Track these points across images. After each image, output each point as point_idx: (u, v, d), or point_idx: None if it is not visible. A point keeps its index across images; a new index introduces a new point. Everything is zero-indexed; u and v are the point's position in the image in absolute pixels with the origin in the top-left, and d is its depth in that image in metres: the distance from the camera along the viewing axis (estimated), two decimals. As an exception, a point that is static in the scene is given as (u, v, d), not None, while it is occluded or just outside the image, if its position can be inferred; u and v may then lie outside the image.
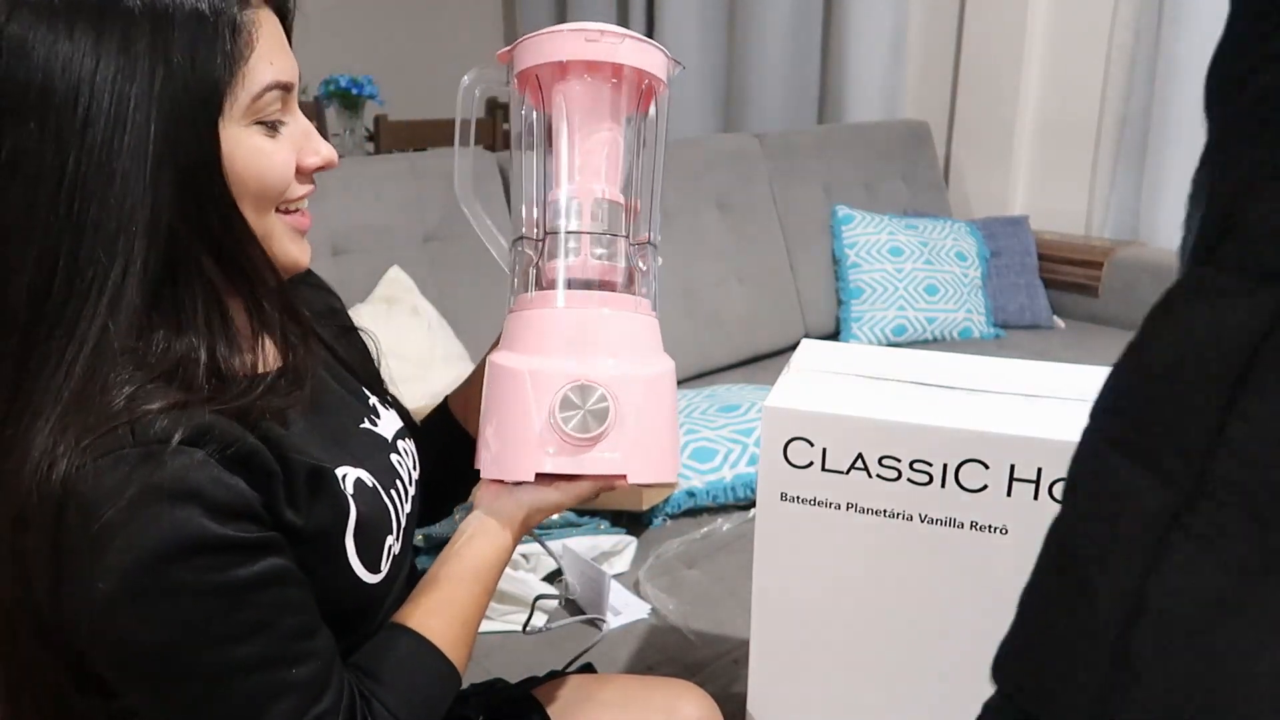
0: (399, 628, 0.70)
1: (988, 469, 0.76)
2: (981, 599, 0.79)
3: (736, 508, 1.57)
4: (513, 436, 0.71)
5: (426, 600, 0.71)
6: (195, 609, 0.55)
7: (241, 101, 0.61)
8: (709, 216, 2.26)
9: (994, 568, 0.78)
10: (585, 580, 1.30)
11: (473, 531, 0.74)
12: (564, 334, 0.72)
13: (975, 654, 0.82)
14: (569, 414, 0.70)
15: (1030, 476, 0.75)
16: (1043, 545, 0.42)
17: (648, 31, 3.38)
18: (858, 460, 0.79)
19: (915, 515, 0.79)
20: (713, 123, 3.32)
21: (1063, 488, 0.41)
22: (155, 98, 0.57)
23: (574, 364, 0.71)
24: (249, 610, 0.57)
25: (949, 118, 2.91)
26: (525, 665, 1.14)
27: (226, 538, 0.56)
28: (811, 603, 0.84)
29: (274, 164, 0.63)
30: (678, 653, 1.22)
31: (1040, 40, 2.69)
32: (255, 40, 0.61)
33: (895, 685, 0.84)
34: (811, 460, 0.80)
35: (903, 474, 0.78)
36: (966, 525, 0.78)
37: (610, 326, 0.73)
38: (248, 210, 0.63)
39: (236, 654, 0.57)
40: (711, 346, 2.19)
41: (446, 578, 0.72)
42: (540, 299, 0.74)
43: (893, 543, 0.80)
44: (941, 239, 2.48)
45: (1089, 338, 2.44)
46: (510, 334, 0.75)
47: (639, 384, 0.72)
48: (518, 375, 0.71)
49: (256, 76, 0.61)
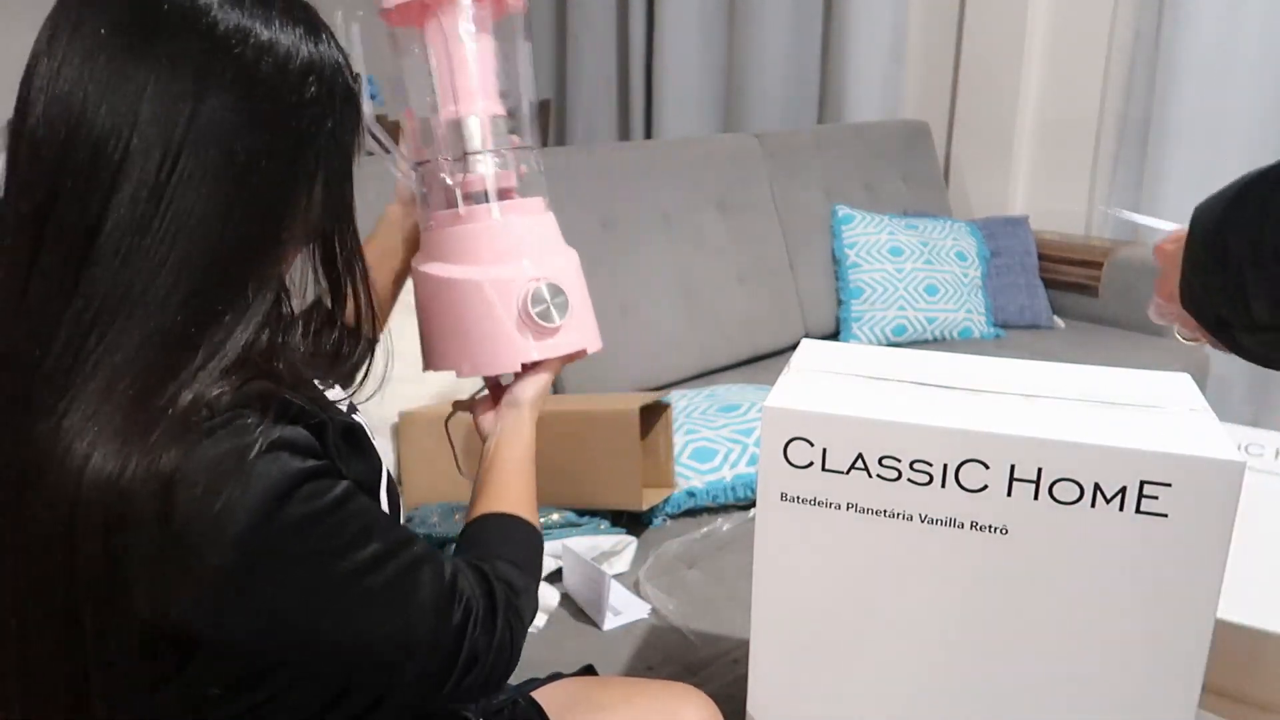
0: (479, 516, 0.81)
1: (988, 469, 0.76)
2: (981, 599, 0.79)
3: (736, 508, 1.57)
4: (488, 337, 0.84)
5: (490, 495, 0.82)
6: (317, 535, 0.61)
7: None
8: (709, 216, 2.26)
9: (994, 568, 0.78)
10: (585, 580, 1.30)
11: (500, 438, 0.86)
12: (511, 240, 0.85)
13: (975, 654, 0.82)
14: (539, 308, 0.84)
15: (1030, 477, 0.75)
16: None
17: (648, 31, 3.38)
18: (858, 460, 0.79)
19: (915, 515, 0.79)
20: (713, 123, 3.33)
21: None
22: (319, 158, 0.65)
23: (530, 265, 0.85)
24: (354, 520, 0.63)
25: (949, 118, 2.91)
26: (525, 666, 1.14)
27: (314, 468, 0.61)
28: (812, 603, 0.84)
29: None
30: (678, 653, 1.22)
31: (1040, 40, 2.69)
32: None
33: (896, 685, 0.84)
34: (812, 460, 0.80)
35: (903, 474, 0.78)
36: (967, 525, 0.78)
37: (543, 228, 0.88)
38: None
39: (363, 556, 0.63)
40: (711, 346, 2.19)
41: (497, 478, 0.83)
42: (472, 214, 0.86)
43: (893, 543, 0.80)
44: (941, 239, 2.48)
45: (1089, 338, 2.44)
46: (445, 247, 0.86)
47: (575, 273, 0.89)
48: (478, 285, 0.84)
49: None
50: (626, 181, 2.13)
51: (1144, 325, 2.41)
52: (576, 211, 2.02)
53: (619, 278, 2.05)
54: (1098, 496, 0.74)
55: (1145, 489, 0.72)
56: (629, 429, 1.39)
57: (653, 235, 2.13)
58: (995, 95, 2.77)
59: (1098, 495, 0.74)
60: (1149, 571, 0.74)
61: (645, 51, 3.41)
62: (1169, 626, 0.75)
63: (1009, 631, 0.79)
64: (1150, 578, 0.75)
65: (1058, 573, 0.77)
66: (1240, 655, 1.05)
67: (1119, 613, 0.76)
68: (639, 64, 3.43)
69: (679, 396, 1.79)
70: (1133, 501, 0.73)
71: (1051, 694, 0.80)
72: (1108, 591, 0.76)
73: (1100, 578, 0.76)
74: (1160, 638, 0.76)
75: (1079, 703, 0.80)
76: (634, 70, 3.44)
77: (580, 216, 2.03)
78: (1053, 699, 0.80)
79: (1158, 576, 0.74)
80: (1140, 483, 0.72)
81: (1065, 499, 0.75)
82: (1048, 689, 0.80)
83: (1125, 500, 0.73)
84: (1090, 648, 0.78)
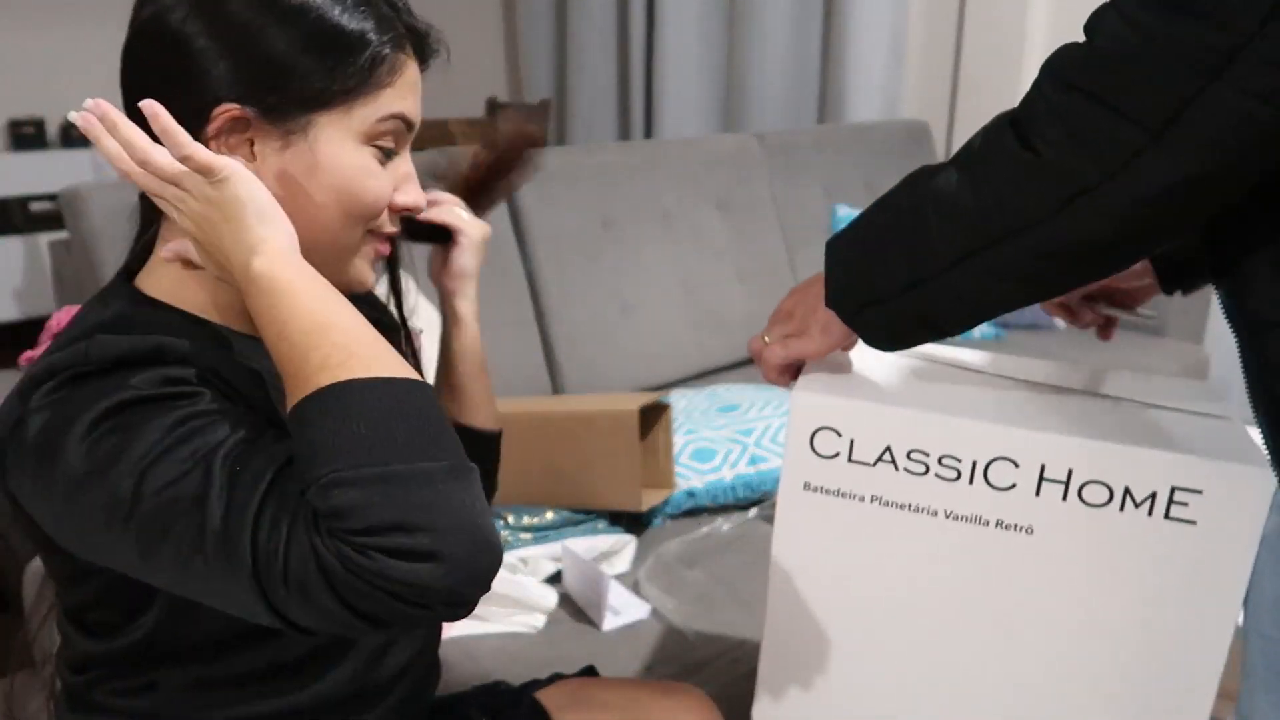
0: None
1: (1018, 468, 0.75)
2: (1002, 599, 0.78)
3: (736, 508, 1.57)
4: None
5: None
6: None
7: (368, 119, 0.67)
8: (709, 216, 2.26)
9: (1017, 568, 0.77)
10: (584, 581, 1.30)
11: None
12: None
13: (993, 653, 0.81)
14: None
15: (1060, 477, 0.74)
16: None
17: (648, 30, 3.37)
18: (885, 453, 0.78)
19: (940, 511, 0.78)
20: (713, 123, 3.32)
21: None
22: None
23: None
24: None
25: (949, 118, 2.91)
26: (526, 667, 1.14)
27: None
28: (829, 594, 0.83)
29: (373, 185, 0.68)
30: (677, 653, 1.22)
31: (1040, 40, 2.69)
32: (396, 77, 0.68)
33: (911, 681, 0.84)
34: (838, 451, 0.79)
35: (930, 469, 0.77)
36: (991, 524, 0.76)
37: None
38: (333, 217, 0.68)
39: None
40: (711, 346, 2.19)
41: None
42: None
43: (916, 538, 0.79)
44: (941, 239, 2.47)
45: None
46: None
47: None
48: None
49: (386, 104, 0.67)
50: (626, 181, 2.13)
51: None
52: (576, 211, 2.02)
53: (619, 278, 2.05)
54: (1127, 500, 0.73)
55: (1175, 495, 0.72)
56: (629, 429, 1.39)
57: (653, 235, 2.13)
58: (995, 95, 2.77)
59: (1127, 499, 0.73)
60: (1173, 578, 0.74)
61: (645, 51, 3.41)
62: (1189, 633, 0.75)
63: (1028, 632, 0.79)
64: (1174, 584, 0.74)
65: (1081, 575, 0.76)
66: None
67: (1140, 617, 0.76)
68: (639, 64, 3.43)
69: (679, 396, 1.79)
70: (1162, 507, 0.72)
71: (1067, 695, 0.80)
72: (1130, 596, 0.75)
73: (1123, 582, 0.75)
74: (1180, 644, 0.75)
75: (1095, 705, 0.79)
76: (634, 70, 3.44)
77: (580, 216, 2.03)
78: (1068, 700, 0.80)
79: (1181, 583, 0.74)
80: (1171, 488, 0.72)
81: (1094, 501, 0.74)
82: (1063, 690, 0.80)
83: (1155, 505, 0.72)
84: (1109, 651, 0.77)
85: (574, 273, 1.97)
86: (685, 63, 3.26)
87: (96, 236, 1.46)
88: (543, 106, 3.32)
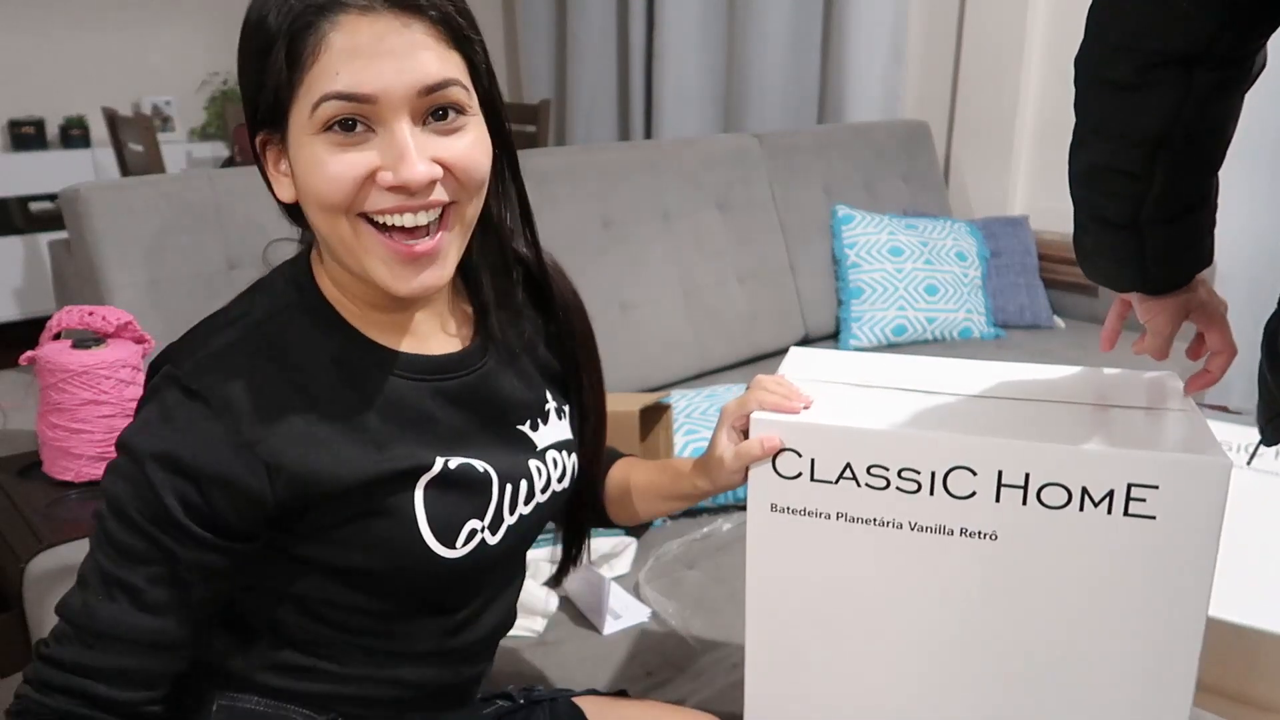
0: None
1: (975, 476, 0.76)
2: (974, 606, 0.79)
3: (737, 508, 1.57)
4: None
5: None
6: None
7: (304, 111, 0.65)
8: (709, 216, 2.26)
9: (984, 574, 0.78)
10: (584, 584, 1.30)
11: None
12: None
13: (967, 659, 0.82)
14: None
15: (1018, 482, 0.75)
16: None
17: (648, 30, 3.37)
18: (846, 470, 0.79)
19: (905, 523, 0.79)
20: (713, 123, 3.33)
21: None
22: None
23: None
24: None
25: (949, 118, 2.91)
26: (528, 671, 1.14)
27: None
28: (804, 613, 0.84)
29: (318, 175, 0.66)
30: (677, 657, 1.22)
31: (1040, 40, 2.69)
32: (320, 54, 0.64)
33: (889, 692, 0.84)
34: (800, 471, 0.80)
35: (891, 482, 0.78)
36: (956, 532, 0.78)
37: None
38: (313, 214, 0.70)
39: None
40: (711, 346, 2.19)
41: None
42: None
43: (883, 551, 0.80)
44: (941, 239, 2.48)
45: (1089, 338, 2.44)
46: None
47: None
48: None
49: (314, 88, 0.64)
50: (626, 181, 2.13)
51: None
52: (576, 211, 2.02)
53: (619, 277, 2.05)
54: (1085, 500, 0.74)
55: (1133, 491, 0.72)
56: (629, 429, 1.39)
57: (653, 235, 2.13)
58: (995, 95, 2.77)
59: (1085, 499, 0.74)
60: (1139, 573, 0.74)
61: (645, 51, 3.41)
62: (1161, 627, 0.75)
63: (1001, 637, 0.79)
64: (1141, 579, 0.75)
65: (1048, 577, 0.77)
66: (1239, 655, 1.05)
67: (1111, 615, 0.76)
68: (639, 64, 3.43)
69: (679, 396, 1.79)
70: (1120, 504, 0.73)
71: (1045, 697, 0.80)
72: (1099, 594, 0.76)
73: (1091, 581, 0.76)
74: (1153, 639, 0.76)
75: (1072, 706, 0.79)
76: (634, 70, 3.44)
77: (580, 216, 2.03)
78: (1046, 702, 0.80)
79: (1148, 578, 0.74)
80: (1128, 485, 0.72)
81: (1053, 503, 0.74)
82: (1041, 693, 0.80)
83: (1113, 503, 0.73)
84: (1083, 651, 0.78)
85: (574, 272, 1.96)
86: (685, 63, 3.27)
87: (96, 236, 1.46)
88: (542, 106, 3.32)
